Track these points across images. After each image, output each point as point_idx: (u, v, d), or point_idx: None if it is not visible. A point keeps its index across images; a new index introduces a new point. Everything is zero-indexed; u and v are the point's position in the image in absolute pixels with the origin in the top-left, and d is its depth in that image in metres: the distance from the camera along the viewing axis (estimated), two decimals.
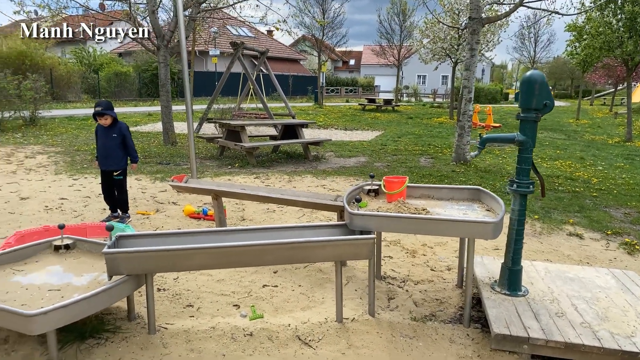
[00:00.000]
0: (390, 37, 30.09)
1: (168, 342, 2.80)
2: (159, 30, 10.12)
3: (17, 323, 2.31)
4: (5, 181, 6.63)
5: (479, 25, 8.31)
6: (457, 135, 8.92)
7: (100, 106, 4.83)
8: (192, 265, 2.77)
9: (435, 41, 19.23)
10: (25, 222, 4.81)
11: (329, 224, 3.23)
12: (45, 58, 23.91)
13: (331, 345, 2.84)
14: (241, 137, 8.60)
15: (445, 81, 54.21)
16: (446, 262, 4.18)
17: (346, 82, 47.82)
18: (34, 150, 9.20)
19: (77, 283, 2.82)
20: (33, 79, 13.61)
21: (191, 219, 5.21)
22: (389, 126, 17.03)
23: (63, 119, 15.76)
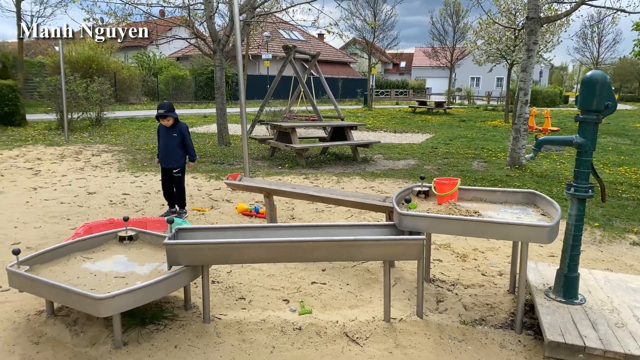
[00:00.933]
0: (443, 38, 29.53)
1: (221, 332, 2.92)
2: (215, 35, 10.50)
3: (87, 305, 2.51)
4: (75, 177, 7.13)
5: (537, 25, 8.02)
6: (512, 138, 8.65)
7: (163, 108, 5.08)
8: (245, 259, 2.88)
9: (490, 42, 18.70)
10: (93, 215, 5.16)
11: (378, 223, 3.26)
12: (110, 62, 25.36)
13: (378, 344, 2.87)
14: (291, 138, 8.76)
15: (500, 83, 52.48)
16: (498, 267, 4.09)
17: (396, 85, 47.40)
18: (99, 149, 9.81)
19: (140, 272, 3.01)
20: (99, 82, 14.48)
21: (244, 216, 5.38)
22: (440, 129, 16.73)
23: (125, 120, 16.66)
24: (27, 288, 2.79)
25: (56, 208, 5.39)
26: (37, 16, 19.81)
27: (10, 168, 7.68)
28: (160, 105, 5.13)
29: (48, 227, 4.73)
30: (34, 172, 7.42)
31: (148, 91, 28.59)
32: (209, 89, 30.24)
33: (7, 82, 13.78)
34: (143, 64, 31.35)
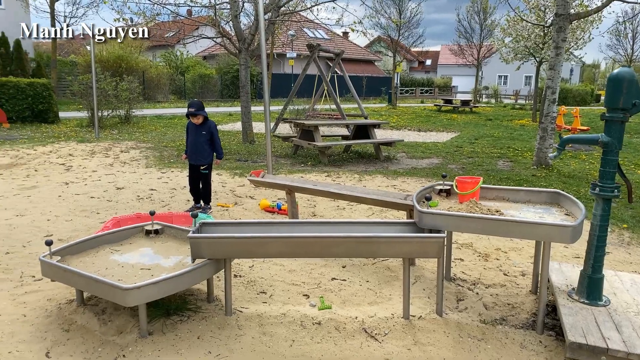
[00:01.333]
0: (470, 36, 29.08)
1: (243, 325, 2.99)
2: (240, 34, 10.63)
3: (115, 295, 2.61)
4: (104, 172, 7.36)
5: (566, 21, 7.84)
6: (538, 137, 8.49)
7: (193, 106, 5.18)
8: (265, 253, 2.94)
9: (518, 40, 18.32)
10: (121, 209, 5.32)
11: (398, 221, 3.27)
12: (139, 61, 25.94)
13: (397, 340, 2.88)
14: (314, 136, 8.81)
15: (529, 82, 51.31)
16: (521, 267, 4.04)
17: (421, 83, 46.94)
18: (128, 146, 10.08)
19: (165, 264, 3.10)
20: (128, 80, 14.85)
21: (266, 213, 5.46)
22: (466, 128, 16.52)
23: (153, 118, 17.03)
24: (58, 277, 2.92)
25: (86, 202, 5.58)
26: (69, 16, 20.38)
27: (44, 164, 7.98)
28: (190, 104, 5.23)
29: (79, 220, 4.91)
30: (65, 168, 7.68)
31: (175, 89, 29.13)
32: (235, 87, 30.61)
33: (42, 81, 14.28)
34: (170, 62, 31.94)
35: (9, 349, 2.63)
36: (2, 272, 3.63)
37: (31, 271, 3.66)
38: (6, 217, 4.90)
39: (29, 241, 4.28)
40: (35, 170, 7.43)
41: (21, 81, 13.72)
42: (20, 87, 13.53)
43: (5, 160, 8.05)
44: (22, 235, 4.41)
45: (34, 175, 7.07)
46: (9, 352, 2.60)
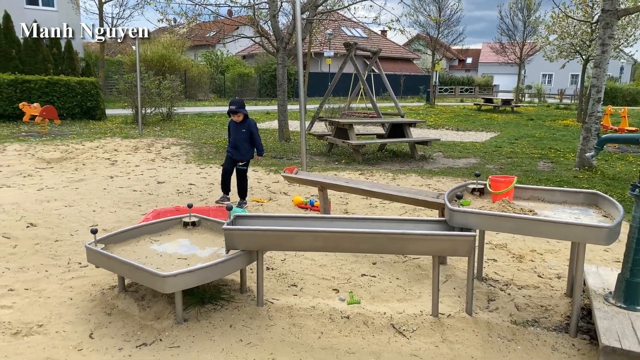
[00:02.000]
0: (512, 33, 28.26)
1: (273, 315, 3.08)
2: (278, 33, 10.79)
3: (153, 281, 2.75)
4: (146, 167, 7.66)
5: (613, 18, 7.53)
6: (581, 138, 8.20)
7: (234, 104, 5.33)
8: (296, 246, 3.02)
9: (564, 37, 17.68)
10: (161, 202, 5.55)
11: (429, 219, 3.28)
12: (181, 61, 26.71)
13: (425, 337, 2.89)
14: (349, 134, 8.85)
15: (575, 81, 49.32)
16: (556, 270, 3.95)
17: (461, 82, 45.99)
18: (169, 142, 10.43)
19: (201, 254, 3.23)
20: (171, 79, 15.34)
21: (299, 209, 5.55)
22: (506, 128, 16.11)
23: (193, 116, 17.50)
24: (102, 264, 3.10)
25: (129, 195, 5.84)
26: (117, 17, 21.23)
27: (90, 158, 8.38)
28: (232, 102, 5.38)
29: (122, 212, 5.16)
30: (111, 162, 8.05)
31: (215, 88, 29.80)
32: (273, 86, 31.00)
33: (90, 80, 14.97)
34: (211, 62, 32.70)
35: (56, 328, 2.82)
36: (51, 258, 3.87)
37: (78, 258, 3.89)
38: (56, 207, 5.20)
39: (77, 230, 4.53)
40: (83, 164, 7.83)
41: (71, 80, 14.44)
42: (71, 85, 14.23)
43: (56, 154, 8.51)
44: (70, 224, 4.68)
45: (81, 169, 7.45)
46: (56, 331, 2.79)
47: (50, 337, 2.73)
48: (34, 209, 5.08)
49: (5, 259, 3.80)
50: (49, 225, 4.61)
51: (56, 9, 24.15)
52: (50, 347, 2.64)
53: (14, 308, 3.01)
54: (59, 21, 22.47)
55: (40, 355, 2.55)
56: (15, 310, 2.98)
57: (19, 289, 3.31)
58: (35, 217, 4.80)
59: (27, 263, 3.74)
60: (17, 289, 3.30)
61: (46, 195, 5.66)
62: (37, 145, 9.27)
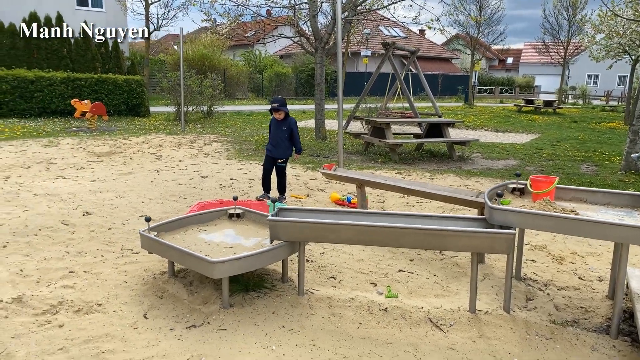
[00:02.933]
0: (557, 33, 27.40)
1: (313, 305, 3.21)
2: (317, 33, 10.93)
3: (203, 267, 2.93)
4: (190, 162, 7.97)
5: None
6: (628, 141, 7.94)
7: (276, 102, 5.49)
8: (337, 239, 3.13)
9: (612, 36, 17.03)
10: (205, 195, 5.78)
11: (468, 216, 3.32)
12: (221, 60, 27.34)
13: (462, 332, 2.95)
14: (385, 134, 8.89)
15: (623, 82, 47.28)
16: (598, 272, 3.90)
17: (501, 82, 44.93)
18: (210, 139, 10.77)
19: (245, 244, 3.40)
20: (211, 78, 15.77)
21: (336, 205, 5.66)
22: (548, 129, 15.70)
23: (232, 114, 17.93)
24: (155, 250, 3.31)
25: (175, 188, 6.12)
26: (162, 18, 21.96)
27: (137, 152, 8.78)
28: (274, 100, 5.55)
29: (169, 204, 5.42)
30: (156, 157, 8.41)
31: (253, 87, 30.34)
32: (309, 85, 31.28)
33: (136, 78, 15.60)
34: (250, 61, 33.28)
35: (114, 308, 3.04)
36: (106, 245, 4.13)
37: (130, 245, 4.14)
38: (108, 197, 5.52)
39: (128, 220, 4.81)
40: (130, 159, 8.21)
41: (118, 78, 15.08)
42: (118, 83, 14.88)
43: (105, 148, 8.96)
44: (121, 214, 4.97)
45: (129, 163, 7.83)
46: (113, 310, 3.01)
47: (109, 316, 2.95)
48: (88, 199, 5.41)
49: (64, 243, 4.09)
50: (102, 214, 4.91)
51: (104, 10, 25.16)
52: (109, 324, 2.85)
53: (75, 288, 3.26)
54: (107, 21, 23.44)
55: (101, 331, 2.77)
56: (76, 290, 3.23)
57: (79, 271, 3.57)
58: (90, 207, 5.12)
59: (84, 248, 4.02)
60: (76, 271, 3.56)
61: (99, 187, 6.00)
62: (88, 140, 9.77)
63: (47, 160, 7.75)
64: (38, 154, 8.20)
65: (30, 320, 2.82)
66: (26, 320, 2.81)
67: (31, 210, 4.88)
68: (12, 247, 3.92)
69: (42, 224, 4.47)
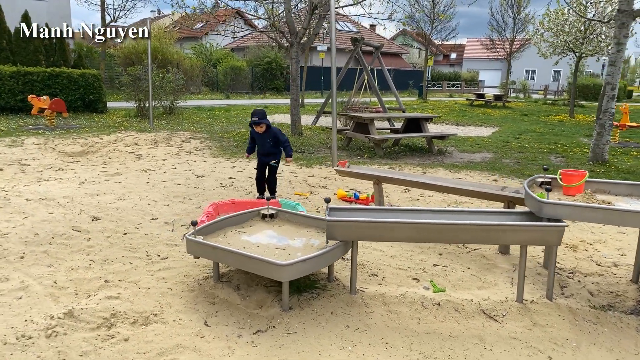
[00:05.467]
0: (502, 30, 28.77)
1: (368, 303, 3.23)
2: (293, 28, 10.84)
3: (269, 270, 2.87)
4: (176, 161, 7.69)
5: (629, 18, 7.85)
6: (595, 134, 8.53)
7: (256, 116, 5.13)
8: (394, 237, 3.17)
9: (558, 34, 18.14)
10: (210, 196, 5.62)
11: (510, 210, 3.47)
12: (174, 53, 26.35)
13: (516, 322, 3.08)
14: (369, 129, 9.01)
15: (558, 77, 50.53)
16: (611, 258, 4.19)
17: (448, 77, 46.59)
18: (186, 136, 10.41)
19: (294, 245, 3.36)
20: (173, 72, 15.22)
21: (343, 202, 5.69)
22: (504, 123, 16.50)
23: (194, 109, 17.40)
24: (205, 254, 3.19)
25: (175, 189, 5.89)
26: (119, 9, 20.85)
27: (114, 152, 8.35)
28: (254, 113, 5.18)
29: (176, 205, 5.21)
30: (136, 156, 8.04)
31: (207, 81, 29.54)
32: (265, 80, 30.92)
33: (93, 72, 14.75)
34: (200, 54, 32.34)
35: (172, 317, 2.91)
36: (128, 251, 3.93)
37: (154, 250, 3.97)
38: (109, 201, 5.23)
39: (140, 223, 4.59)
40: (109, 158, 7.80)
41: (74, 72, 14.19)
42: (73, 77, 14.00)
43: (76, 148, 8.44)
44: (131, 217, 4.73)
45: (110, 163, 7.44)
46: (173, 320, 2.89)
47: (170, 326, 2.82)
48: (89, 203, 5.10)
49: (85, 251, 3.85)
50: (111, 218, 4.65)
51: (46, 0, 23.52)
52: (175, 334, 2.73)
53: (121, 299, 3.09)
54: (49, 12, 21.94)
55: (170, 342, 2.65)
56: (123, 301, 3.06)
57: (113, 280, 3.38)
58: (94, 211, 4.83)
59: (108, 255, 3.80)
60: (111, 280, 3.37)
61: (93, 189, 5.67)
62: (55, 139, 9.16)
63: (17, 161, 7.20)
64: (4, 154, 7.60)
65: (92, 336, 2.65)
66: (87, 336, 2.64)
67: (32, 217, 4.54)
68: (31, 258, 3.64)
69: (53, 231, 4.17)
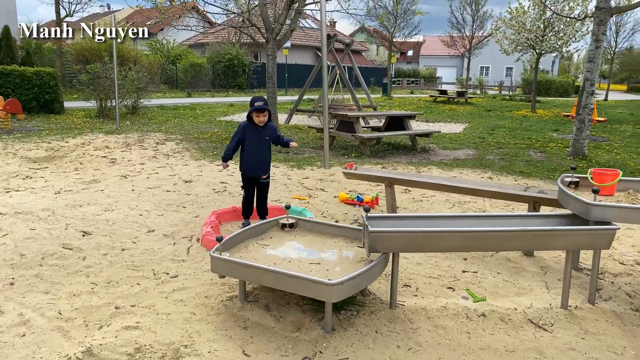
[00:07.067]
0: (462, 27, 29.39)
1: (412, 318, 3.00)
2: (268, 24, 10.46)
3: (317, 291, 2.57)
4: (156, 165, 7.17)
5: (607, 15, 8.03)
6: (575, 129, 8.71)
7: (262, 100, 4.13)
8: (439, 247, 2.96)
9: (520, 31, 18.64)
10: (205, 203, 5.21)
11: (551, 214, 3.33)
12: (130, 50, 25.16)
13: (566, 330, 2.94)
14: (355, 128, 8.80)
15: (510, 73, 52.35)
16: (631, 256, 4.17)
17: (408, 74, 47.26)
18: (159, 138, 9.82)
19: (328, 258, 3.07)
20: (136, 70, 14.43)
21: (346, 205, 5.43)
22: (472, 119, 16.76)
23: (158, 109, 16.62)
24: (234, 274, 2.86)
25: (166, 196, 5.44)
26: (75, 3, 19.57)
27: (84, 156, 7.71)
28: (257, 98, 4.18)
29: (171, 214, 4.79)
30: (110, 161, 7.45)
31: (167, 79, 28.45)
32: (227, 77, 30.14)
33: (48, 70, 13.76)
34: (157, 51, 31.11)
35: (205, 348, 2.57)
36: (132, 270, 3.52)
37: (161, 268, 3.58)
38: (96, 212, 4.73)
39: (136, 237, 4.16)
40: (80, 164, 7.18)
41: (27, 70, 13.17)
42: (26, 76, 12.99)
43: (41, 153, 7.75)
44: (125, 230, 4.28)
45: (83, 169, 6.84)
46: (208, 351, 2.54)
47: (206, 359, 2.48)
48: (73, 215, 4.59)
49: (83, 272, 3.41)
50: (103, 232, 4.18)
51: None
52: None
53: (141, 329, 2.71)
54: None
55: None
56: (144, 331, 2.68)
57: (124, 305, 2.99)
58: (82, 225, 4.33)
59: (110, 277, 3.38)
60: (123, 307, 2.97)
61: (74, 200, 5.13)
62: (14, 143, 8.38)
63: None
64: None
65: None
66: None
67: (12, 234, 4.00)
68: (23, 284, 3.16)
69: (41, 250, 3.68)
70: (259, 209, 4.50)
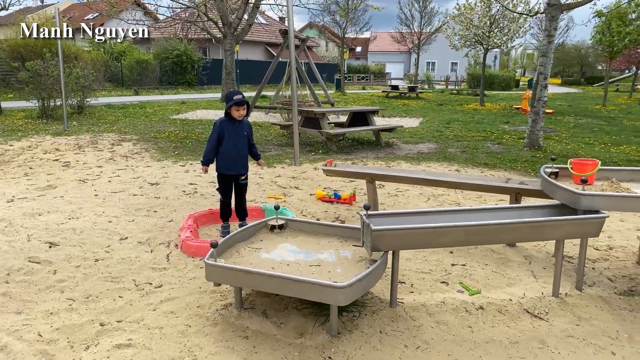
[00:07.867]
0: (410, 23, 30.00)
1: (413, 315, 2.96)
2: (226, 18, 10.16)
3: (324, 295, 2.47)
4: (115, 167, 6.75)
5: (558, 11, 8.40)
6: (530, 121, 9.07)
7: (239, 94, 3.98)
8: (442, 242, 2.93)
9: (469, 27, 19.26)
10: (177, 206, 4.95)
11: (538, 204, 3.40)
12: (70, 46, 23.73)
13: (561, 318, 3.01)
14: (321, 124, 8.72)
15: (455, 68, 54.15)
16: (602, 242, 4.36)
17: (358, 69, 47.73)
18: (114, 139, 9.28)
19: (327, 259, 2.97)
20: (81, 67, 13.61)
21: (324, 202, 5.34)
22: (426, 113, 17.13)
23: (106, 108, 15.80)
24: (233, 281, 2.70)
25: (133, 200, 5.11)
26: None
27: (33, 160, 7.15)
28: (233, 92, 4.02)
29: (142, 220, 4.50)
30: (63, 164, 6.94)
31: (111, 77, 27.10)
32: (175, 74, 29.19)
33: None
34: (99, 47, 29.58)
35: None
36: (110, 282, 3.26)
37: (141, 278, 3.34)
38: (59, 220, 4.36)
39: (108, 245, 3.86)
40: (30, 168, 6.64)
41: None
42: None
43: None
44: (95, 239, 3.97)
45: (34, 174, 6.33)
46: None
47: None
48: (34, 225, 4.20)
49: (56, 288, 3.11)
50: (71, 243, 3.85)
51: None
52: None
53: (135, 346, 2.49)
54: None
55: None
56: (139, 349, 2.47)
57: (110, 321, 2.75)
58: (47, 235, 3.97)
59: (88, 290, 3.11)
60: (108, 323, 2.73)
61: (32, 208, 4.70)
62: None
63: None
64: None
65: None
66: None
67: None
68: None
69: (5, 266, 3.32)
70: (238, 210, 4.31)
